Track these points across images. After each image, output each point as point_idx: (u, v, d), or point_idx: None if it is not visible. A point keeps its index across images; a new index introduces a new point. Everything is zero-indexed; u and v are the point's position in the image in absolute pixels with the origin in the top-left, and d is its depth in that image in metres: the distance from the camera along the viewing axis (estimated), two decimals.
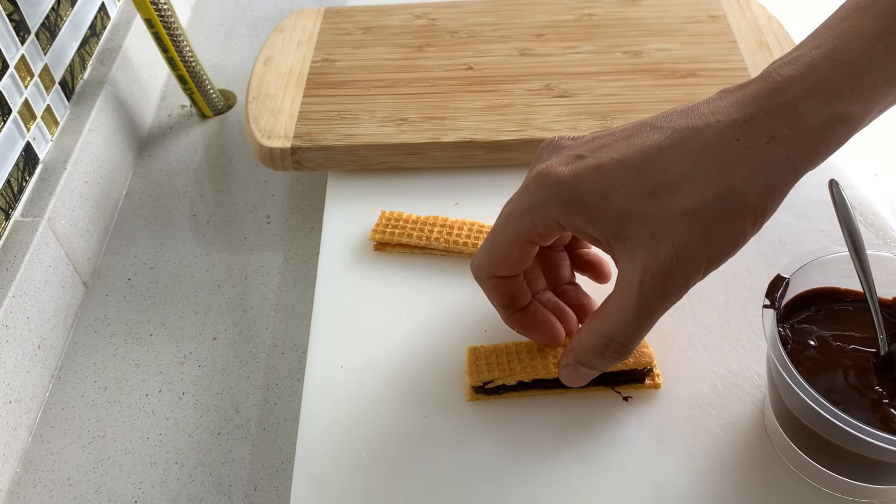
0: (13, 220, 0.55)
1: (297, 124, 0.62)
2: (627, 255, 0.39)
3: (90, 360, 0.56)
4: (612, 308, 0.40)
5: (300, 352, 0.55)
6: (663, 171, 0.38)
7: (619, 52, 0.66)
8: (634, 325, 0.39)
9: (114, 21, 0.73)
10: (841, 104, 0.36)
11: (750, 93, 0.38)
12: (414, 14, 0.72)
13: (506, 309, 0.46)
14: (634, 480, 0.43)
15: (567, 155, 0.41)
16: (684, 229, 0.37)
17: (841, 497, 0.42)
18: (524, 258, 0.43)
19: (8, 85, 0.55)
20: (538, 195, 0.40)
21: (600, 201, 0.39)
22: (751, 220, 0.38)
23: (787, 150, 0.37)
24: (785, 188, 0.38)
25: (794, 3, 0.75)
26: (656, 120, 0.40)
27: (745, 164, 0.37)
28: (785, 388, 0.40)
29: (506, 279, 0.44)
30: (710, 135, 0.37)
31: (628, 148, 0.39)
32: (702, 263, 0.38)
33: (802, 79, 0.37)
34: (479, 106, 0.62)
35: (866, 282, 0.41)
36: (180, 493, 0.49)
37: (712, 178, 0.37)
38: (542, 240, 0.42)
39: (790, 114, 0.37)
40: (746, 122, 0.37)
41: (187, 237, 0.64)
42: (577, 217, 0.39)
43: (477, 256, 0.45)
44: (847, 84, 0.36)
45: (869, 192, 0.57)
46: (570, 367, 0.43)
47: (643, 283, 0.38)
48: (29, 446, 0.52)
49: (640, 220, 0.38)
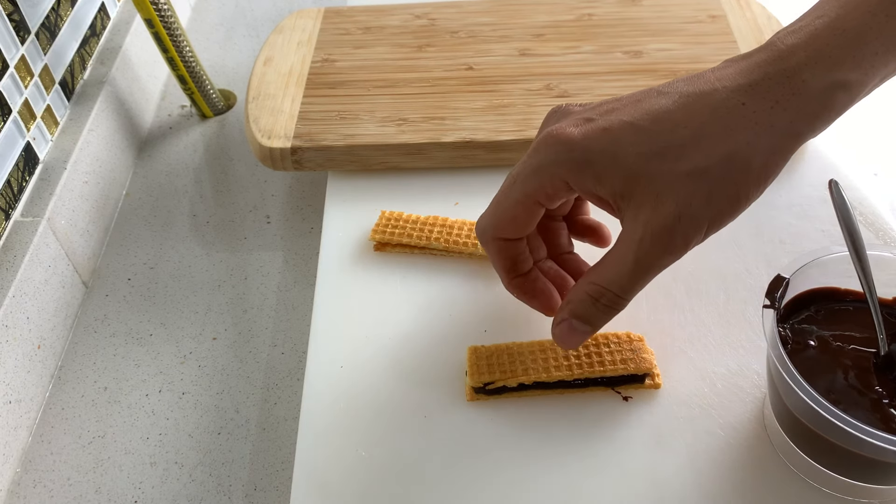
0: (13, 220, 0.55)
1: (297, 124, 0.62)
2: (632, 212, 0.39)
3: (90, 360, 0.56)
4: (609, 261, 0.41)
5: (300, 352, 0.55)
6: (671, 133, 0.38)
7: (620, 52, 0.66)
8: (630, 279, 0.40)
9: (114, 21, 0.73)
10: (842, 71, 0.37)
11: (755, 61, 0.39)
12: (414, 14, 0.72)
13: (508, 273, 0.46)
14: (634, 480, 0.43)
15: (576, 118, 0.41)
16: (689, 189, 0.38)
17: (841, 497, 0.42)
18: (530, 220, 0.43)
19: (8, 85, 0.55)
20: (547, 156, 0.41)
21: (609, 161, 0.39)
22: (754, 182, 0.38)
23: (790, 115, 0.38)
24: (788, 152, 0.39)
25: (794, 3, 0.75)
26: (664, 86, 0.41)
27: (750, 128, 0.38)
28: (785, 388, 0.40)
29: (510, 242, 0.45)
30: (716, 99, 0.38)
31: (637, 111, 0.40)
32: (704, 223, 0.38)
33: (805, 47, 0.38)
34: (479, 106, 0.62)
35: (866, 282, 0.41)
36: (180, 493, 0.49)
37: (718, 139, 0.38)
38: (549, 201, 0.42)
39: (794, 80, 0.38)
40: (751, 87, 0.38)
41: (187, 237, 0.64)
42: (585, 176, 0.40)
43: (482, 218, 0.45)
44: (849, 52, 0.37)
45: (869, 192, 0.57)
46: (564, 322, 0.42)
47: (643, 239, 0.39)
48: (29, 446, 0.52)
49: (646, 179, 0.38)
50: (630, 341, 0.47)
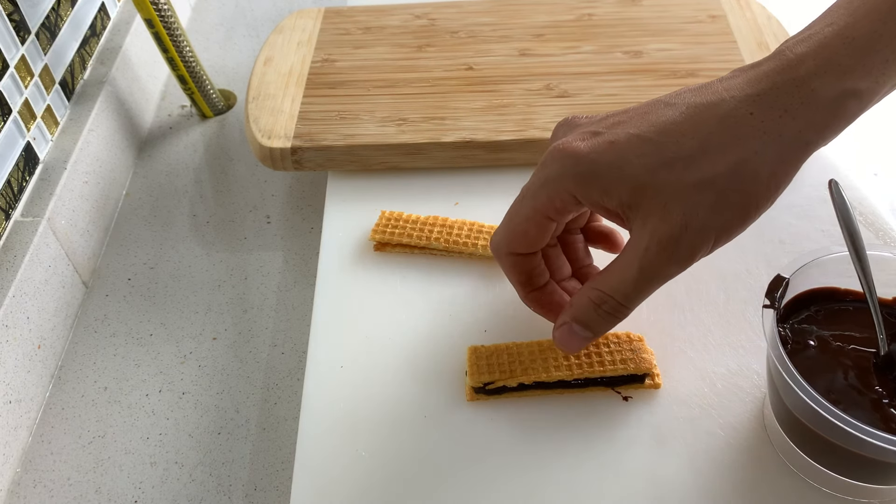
0: (13, 220, 0.55)
1: (297, 124, 0.62)
2: (639, 222, 0.39)
3: (90, 360, 0.56)
4: (615, 269, 0.41)
5: (300, 352, 0.55)
6: (678, 144, 0.38)
7: (620, 52, 0.66)
8: (634, 287, 0.40)
9: (114, 21, 0.73)
10: (853, 80, 0.37)
11: (763, 70, 0.39)
12: (414, 14, 0.72)
13: (523, 287, 0.46)
14: (634, 480, 0.43)
15: (583, 132, 0.41)
16: (696, 199, 0.38)
17: (841, 497, 0.42)
18: (542, 235, 0.43)
19: (8, 85, 0.55)
20: (554, 170, 0.41)
21: (616, 174, 0.39)
22: (763, 192, 0.38)
23: (800, 124, 0.37)
24: (797, 162, 0.38)
25: (794, 3, 0.75)
26: (670, 97, 0.41)
27: (758, 137, 0.37)
28: (785, 388, 0.40)
29: (524, 257, 0.45)
30: (724, 109, 0.38)
31: (644, 123, 0.40)
32: (711, 234, 0.38)
33: (815, 55, 0.38)
34: (479, 106, 0.62)
35: (866, 282, 0.41)
36: (180, 493, 0.49)
37: (725, 149, 0.38)
38: (558, 215, 0.42)
39: (803, 89, 0.37)
40: (760, 96, 0.38)
41: (187, 237, 0.64)
42: (593, 190, 0.40)
43: (496, 234, 0.45)
44: (859, 60, 0.37)
45: (869, 192, 0.57)
46: (565, 326, 0.43)
47: (649, 248, 0.38)
48: (29, 446, 0.52)
49: (654, 189, 0.38)
50: (630, 341, 0.47)
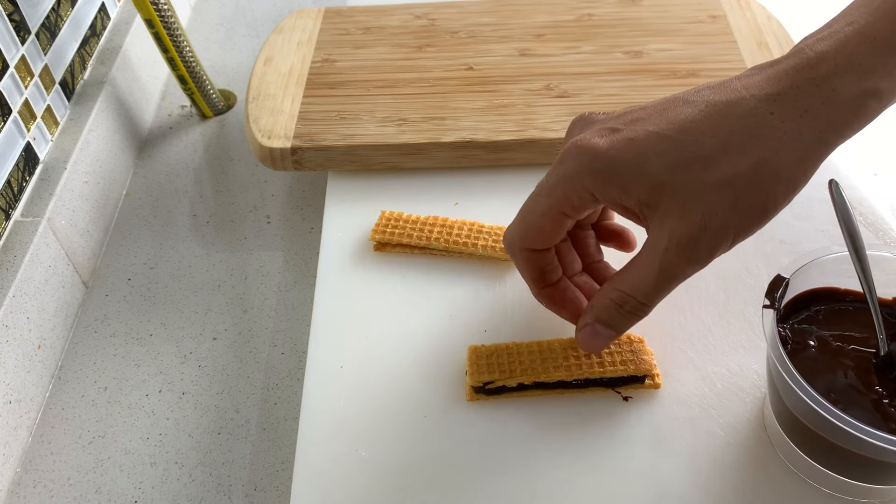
0: (13, 220, 0.55)
1: (297, 124, 0.62)
2: (658, 221, 0.39)
3: (90, 360, 0.56)
4: (634, 269, 0.41)
5: (300, 352, 0.55)
6: (697, 143, 0.38)
7: (620, 52, 0.66)
8: (654, 287, 0.40)
9: (114, 21, 0.73)
10: (874, 79, 0.37)
11: (783, 68, 0.38)
12: (414, 14, 0.72)
13: (536, 283, 0.46)
14: (634, 480, 0.43)
15: (601, 128, 0.41)
16: (715, 199, 0.38)
17: (841, 497, 0.42)
18: (557, 231, 0.43)
19: (8, 85, 0.55)
20: (572, 166, 0.41)
21: (635, 171, 0.39)
22: (783, 192, 0.38)
23: (820, 124, 0.37)
24: (817, 161, 0.38)
25: (794, 3, 0.75)
26: (689, 94, 0.40)
27: (779, 137, 0.37)
28: (785, 388, 0.40)
29: (537, 253, 0.45)
30: (743, 108, 0.38)
31: (662, 121, 0.39)
32: (730, 233, 0.38)
33: (835, 55, 0.37)
34: (479, 106, 0.62)
35: (866, 282, 0.41)
36: (180, 493, 0.49)
37: (745, 149, 0.37)
38: (575, 212, 0.42)
39: (823, 88, 0.37)
40: (780, 96, 0.38)
41: (187, 237, 0.64)
42: (611, 187, 0.40)
43: (509, 229, 0.45)
44: (880, 60, 0.37)
45: (869, 192, 0.57)
46: (588, 327, 0.43)
47: (668, 249, 0.39)
48: (29, 446, 0.52)
49: (673, 189, 0.38)
50: (630, 342, 0.47)
